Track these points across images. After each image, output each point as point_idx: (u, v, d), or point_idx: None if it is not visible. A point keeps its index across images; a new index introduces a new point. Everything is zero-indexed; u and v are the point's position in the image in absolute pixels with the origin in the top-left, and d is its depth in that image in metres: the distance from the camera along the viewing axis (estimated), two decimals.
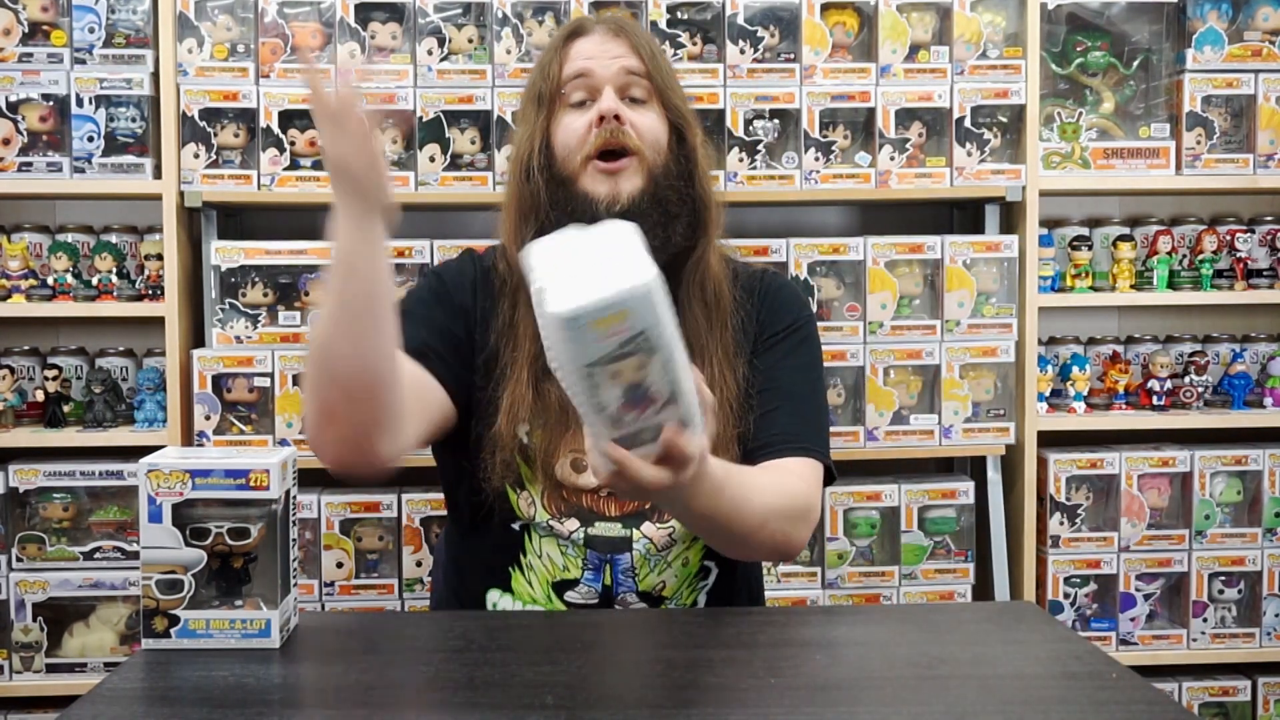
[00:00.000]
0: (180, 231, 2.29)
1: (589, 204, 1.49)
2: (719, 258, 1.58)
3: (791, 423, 1.51)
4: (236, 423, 2.27)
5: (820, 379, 1.60)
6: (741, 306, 1.57)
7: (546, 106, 1.53)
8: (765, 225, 2.54)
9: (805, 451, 1.49)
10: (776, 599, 2.31)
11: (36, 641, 2.26)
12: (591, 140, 1.49)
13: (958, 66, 2.36)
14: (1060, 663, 1.17)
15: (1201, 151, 2.43)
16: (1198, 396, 2.48)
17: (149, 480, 1.18)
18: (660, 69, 1.54)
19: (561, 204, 1.50)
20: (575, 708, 1.04)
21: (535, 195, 1.51)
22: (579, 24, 1.58)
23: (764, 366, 1.55)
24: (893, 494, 2.37)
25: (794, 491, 1.43)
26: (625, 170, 1.49)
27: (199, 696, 1.07)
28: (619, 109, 1.49)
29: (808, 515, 1.44)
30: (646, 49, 1.54)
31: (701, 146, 1.57)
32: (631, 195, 1.49)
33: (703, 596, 1.54)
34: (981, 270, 2.36)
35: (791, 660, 1.17)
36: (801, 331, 1.59)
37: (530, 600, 1.51)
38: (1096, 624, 2.43)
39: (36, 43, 2.28)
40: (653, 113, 1.53)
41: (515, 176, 1.55)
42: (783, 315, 1.59)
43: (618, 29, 1.55)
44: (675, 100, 1.55)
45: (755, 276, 1.62)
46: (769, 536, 1.39)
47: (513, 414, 1.48)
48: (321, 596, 2.28)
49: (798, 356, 1.57)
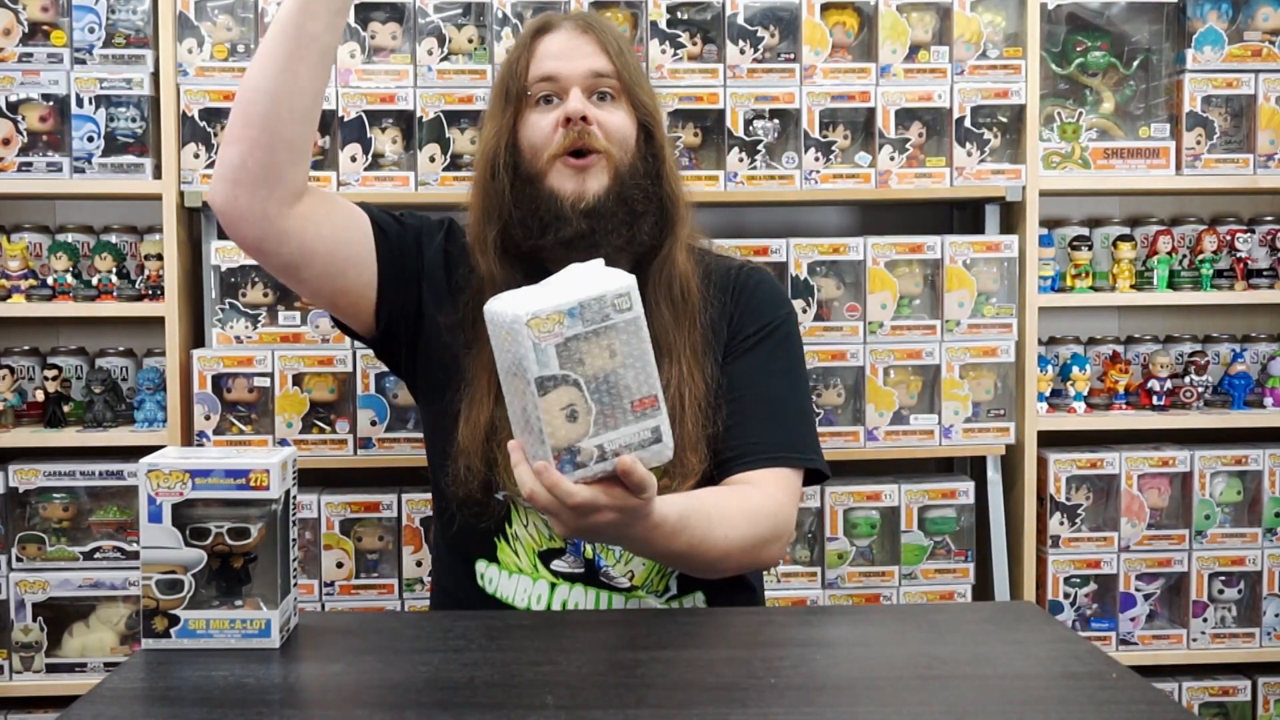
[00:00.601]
0: (180, 231, 2.29)
1: (555, 201, 1.49)
2: (687, 254, 1.57)
3: (766, 430, 1.50)
4: (236, 423, 2.27)
5: (801, 379, 1.59)
6: (713, 304, 1.56)
7: (514, 104, 1.53)
8: (765, 225, 2.54)
9: (779, 461, 1.49)
10: (776, 599, 2.31)
11: (36, 641, 2.26)
12: (558, 140, 1.49)
13: (958, 66, 2.36)
14: (1060, 663, 1.17)
15: (1201, 151, 2.43)
16: (1198, 396, 2.48)
17: (149, 480, 1.18)
18: (628, 66, 1.54)
19: (527, 201, 1.50)
20: (575, 708, 1.04)
21: (500, 193, 1.52)
22: (546, 20, 1.57)
23: (740, 371, 1.54)
24: (893, 494, 2.37)
25: (761, 514, 1.43)
26: (592, 167, 1.50)
27: (199, 696, 1.07)
28: (586, 110, 1.49)
29: (777, 536, 1.45)
30: (614, 45, 1.53)
31: (668, 144, 1.58)
32: (597, 193, 1.49)
33: (674, 581, 1.54)
34: (981, 270, 2.36)
35: (791, 660, 1.17)
36: (779, 332, 1.58)
37: (516, 570, 1.52)
38: (1096, 624, 2.43)
39: (36, 43, 2.28)
40: (620, 111, 1.53)
41: (481, 174, 1.55)
42: (758, 316, 1.58)
43: (585, 26, 1.55)
44: (643, 98, 1.55)
45: (730, 273, 1.61)
46: (734, 565, 1.41)
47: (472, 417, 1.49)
48: (321, 596, 2.28)
49: (775, 360, 1.56)
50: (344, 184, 2.28)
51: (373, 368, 2.25)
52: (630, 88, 1.53)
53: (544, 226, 1.49)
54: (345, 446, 2.26)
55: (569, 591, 1.52)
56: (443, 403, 1.54)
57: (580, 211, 1.48)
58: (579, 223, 1.48)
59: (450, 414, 1.52)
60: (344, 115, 2.28)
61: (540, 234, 1.49)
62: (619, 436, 1.12)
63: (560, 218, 1.48)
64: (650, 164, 1.54)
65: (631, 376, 1.11)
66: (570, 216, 1.48)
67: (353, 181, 2.28)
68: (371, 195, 2.28)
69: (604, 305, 1.09)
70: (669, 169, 1.56)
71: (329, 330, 2.27)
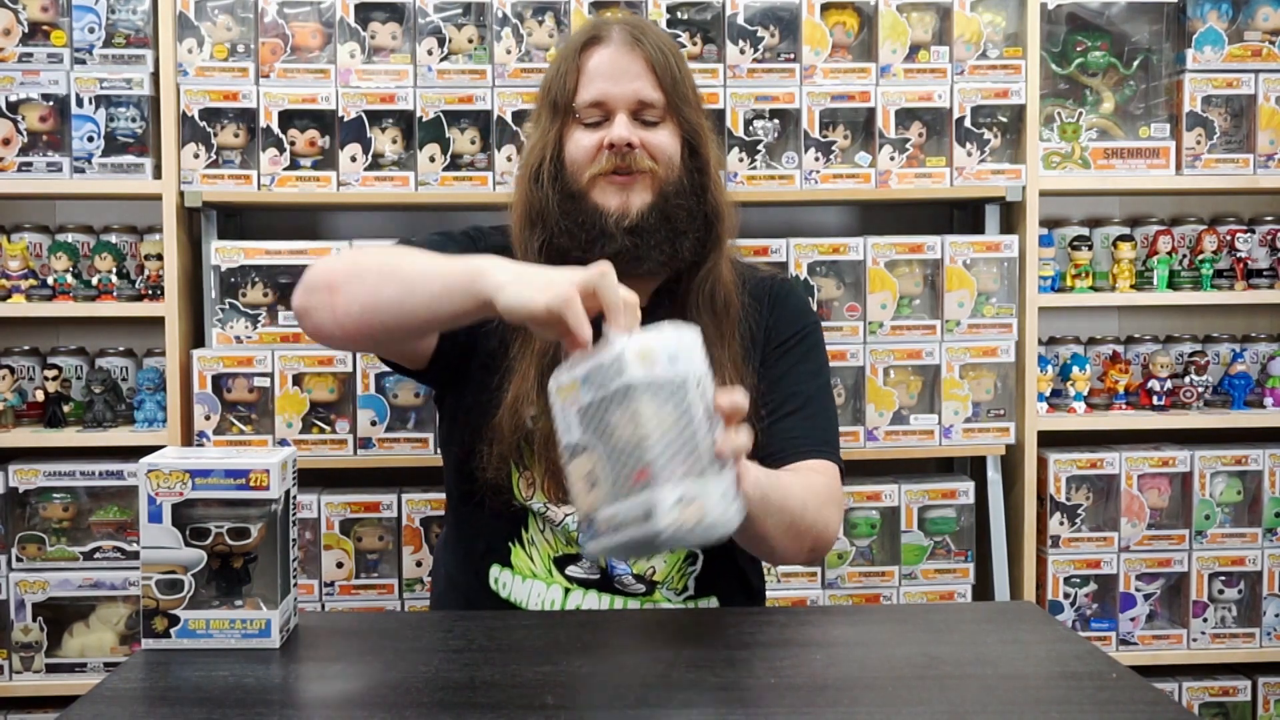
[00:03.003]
0: (180, 231, 2.29)
1: (599, 216, 1.51)
2: (730, 266, 1.59)
3: (806, 428, 1.55)
4: (236, 423, 2.27)
5: (828, 383, 1.63)
6: (750, 313, 1.59)
7: (560, 118, 1.54)
8: (765, 225, 2.54)
9: (820, 454, 1.53)
10: (776, 599, 2.31)
11: (36, 641, 2.26)
12: (602, 162, 1.51)
13: (958, 66, 2.36)
14: (1060, 663, 1.17)
15: (1201, 151, 2.43)
16: (1198, 396, 2.48)
17: (149, 480, 1.18)
18: (676, 83, 1.54)
19: (571, 214, 1.52)
20: (575, 708, 1.04)
21: (544, 203, 1.53)
22: (596, 31, 1.56)
23: (777, 374, 1.58)
24: (893, 494, 2.37)
25: (819, 483, 1.48)
26: (636, 184, 1.51)
27: (199, 696, 1.07)
28: (631, 137, 1.50)
29: (838, 501, 1.50)
30: (662, 62, 1.53)
31: (714, 155, 1.59)
32: (641, 210, 1.51)
33: (692, 582, 1.56)
34: (981, 270, 2.36)
35: (791, 660, 1.17)
36: (811, 338, 1.62)
37: (531, 575, 1.53)
38: (1096, 624, 2.43)
39: (36, 43, 2.28)
40: (665, 131, 1.54)
41: (525, 180, 1.56)
42: (792, 322, 1.62)
43: (635, 39, 1.54)
44: (689, 114, 1.55)
45: (764, 283, 1.65)
46: (809, 527, 1.43)
47: (516, 405, 1.49)
48: (321, 596, 2.28)
49: (808, 362, 1.60)
50: (344, 184, 2.28)
51: (372, 368, 2.25)
52: (677, 107, 1.54)
53: (589, 241, 1.51)
54: (345, 446, 2.26)
55: (582, 597, 1.53)
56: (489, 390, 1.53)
57: (624, 228, 1.50)
58: (623, 239, 1.50)
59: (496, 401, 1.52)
60: (344, 115, 2.28)
61: (585, 248, 1.51)
62: (621, 510, 1.07)
63: (605, 233, 1.50)
64: (695, 179, 1.55)
65: (630, 446, 1.06)
66: (614, 232, 1.50)
67: (353, 181, 2.28)
68: (371, 195, 2.29)
69: (603, 372, 1.07)
70: (714, 181, 1.57)
71: None
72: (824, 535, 1.47)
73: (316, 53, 2.31)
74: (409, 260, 1.31)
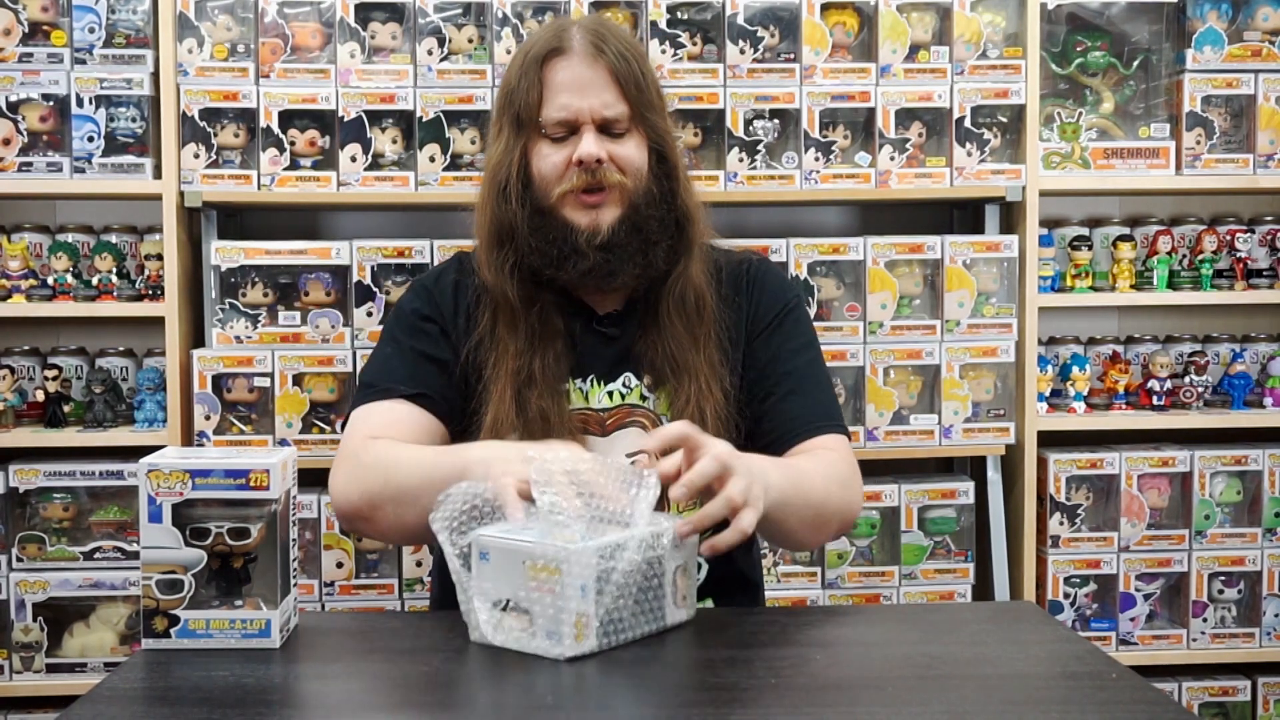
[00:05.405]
0: (180, 231, 2.29)
1: (570, 233, 1.50)
2: (700, 264, 1.58)
3: (805, 405, 1.55)
4: (236, 423, 2.27)
5: (818, 352, 1.62)
6: (729, 303, 1.58)
7: (525, 133, 1.52)
8: (765, 225, 2.54)
9: (825, 429, 1.53)
10: (776, 599, 2.31)
11: (36, 641, 2.26)
12: (571, 179, 1.49)
13: (958, 66, 2.36)
14: (1060, 663, 1.17)
15: (1201, 151, 2.43)
16: (1198, 396, 2.48)
17: (149, 480, 1.18)
18: (642, 92, 1.51)
19: (541, 232, 1.50)
20: (575, 708, 1.04)
21: (513, 221, 1.51)
22: (558, 40, 1.52)
23: (766, 356, 1.57)
24: (892, 494, 2.37)
25: (834, 465, 1.48)
26: (606, 201, 1.51)
27: (199, 696, 1.07)
28: (599, 153, 1.48)
29: (855, 474, 1.51)
30: (626, 71, 1.50)
31: (681, 159, 1.58)
32: (612, 225, 1.50)
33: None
34: (981, 270, 2.36)
35: (791, 660, 1.17)
36: (794, 313, 1.61)
37: None
38: (1096, 624, 2.43)
39: (36, 43, 2.28)
40: (632, 142, 1.52)
41: (490, 196, 1.54)
42: (773, 302, 1.61)
43: (597, 49, 1.50)
44: (655, 120, 1.54)
45: (739, 267, 1.63)
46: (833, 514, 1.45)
47: (495, 428, 1.49)
48: (321, 596, 2.28)
49: (795, 339, 1.60)
50: (344, 184, 2.28)
51: None
52: (643, 116, 1.52)
53: (561, 258, 1.50)
54: None
55: None
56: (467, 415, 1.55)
57: (595, 245, 1.49)
58: (595, 256, 1.49)
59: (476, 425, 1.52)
60: (344, 115, 2.28)
61: (557, 266, 1.50)
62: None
63: (576, 251, 1.49)
64: (664, 185, 1.54)
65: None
66: (586, 250, 1.49)
67: (353, 181, 2.28)
68: (371, 195, 2.29)
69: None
70: (683, 185, 1.56)
71: (329, 330, 2.27)
72: (848, 517, 1.50)
73: (316, 53, 2.31)
74: (412, 476, 1.39)
